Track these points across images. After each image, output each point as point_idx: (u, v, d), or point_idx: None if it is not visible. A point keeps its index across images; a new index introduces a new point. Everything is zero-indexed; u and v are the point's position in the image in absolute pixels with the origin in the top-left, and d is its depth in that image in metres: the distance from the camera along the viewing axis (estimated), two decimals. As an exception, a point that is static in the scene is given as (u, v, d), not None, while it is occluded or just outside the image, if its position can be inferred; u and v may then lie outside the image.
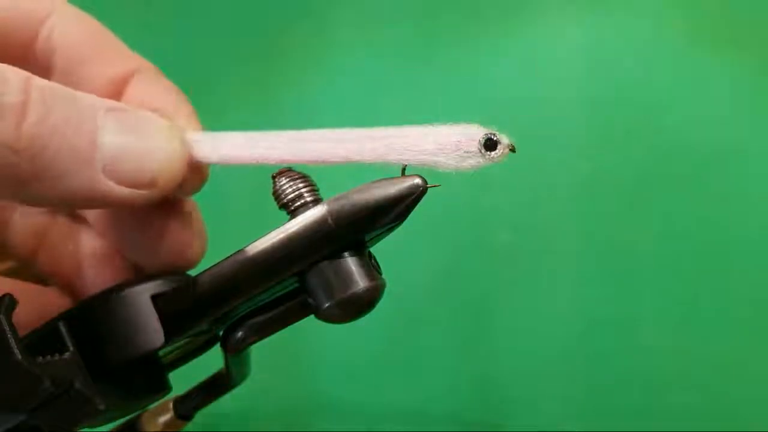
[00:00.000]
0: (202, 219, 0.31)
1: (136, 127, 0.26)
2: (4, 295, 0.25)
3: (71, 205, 0.25)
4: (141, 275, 0.29)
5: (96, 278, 0.31)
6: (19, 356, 0.24)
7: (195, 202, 0.31)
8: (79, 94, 0.25)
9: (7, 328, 0.24)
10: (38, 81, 0.24)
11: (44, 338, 0.26)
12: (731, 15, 0.52)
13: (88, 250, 0.31)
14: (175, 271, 0.29)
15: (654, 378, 0.49)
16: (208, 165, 0.29)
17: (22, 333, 0.25)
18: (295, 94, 0.58)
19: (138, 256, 0.31)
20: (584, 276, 0.51)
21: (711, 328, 0.49)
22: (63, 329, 0.26)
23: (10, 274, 0.32)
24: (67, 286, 0.32)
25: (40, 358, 0.25)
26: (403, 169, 0.25)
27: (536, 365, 0.51)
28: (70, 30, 0.29)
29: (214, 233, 0.31)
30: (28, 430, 0.25)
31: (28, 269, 0.32)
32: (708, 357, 0.49)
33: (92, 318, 0.27)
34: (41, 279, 0.32)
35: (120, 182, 0.25)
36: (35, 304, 0.31)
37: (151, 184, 0.26)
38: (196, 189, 0.29)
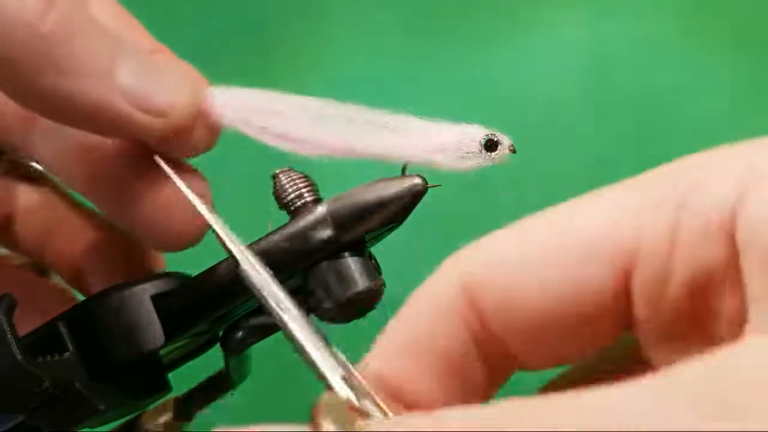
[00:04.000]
0: (209, 193, 0.28)
1: (155, 63, 0.26)
2: (4, 295, 0.25)
3: (79, 118, 0.24)
4: (141, 275, 0.29)
5: (102, 274, 0.30)
6: (19, 356, 0.24)
7: (207, 182, 0.29)
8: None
9: (7, 328, 0.24)
10: None
11: (44, 338, 0.26)
12: (731, 15, 0.52)
13: (94, 246, 0.31)
14: (175, 272, 0.29)
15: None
16: (221, 120, 0.27)
17: (23, 328, 0.25)
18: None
19: (131, 222, 0.28)
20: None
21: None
22: (63, 329, 0.26)
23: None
24: (74, 281, 0.31)
25: (40, 358, 0.25)
26: (403, 169, 0.25)
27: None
28: (96, 9, 0.29)
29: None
30: (28, 430, 0.25)
31: (33, 265, 0.32)
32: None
33: (92, 318, 0.26)
34: (45, 272, 0.32)
35: (133, 104, 0.25)
36: (39, 297, 0.30)
37: (163, 113, 0.25)
38: (208, 146, 0.28)
